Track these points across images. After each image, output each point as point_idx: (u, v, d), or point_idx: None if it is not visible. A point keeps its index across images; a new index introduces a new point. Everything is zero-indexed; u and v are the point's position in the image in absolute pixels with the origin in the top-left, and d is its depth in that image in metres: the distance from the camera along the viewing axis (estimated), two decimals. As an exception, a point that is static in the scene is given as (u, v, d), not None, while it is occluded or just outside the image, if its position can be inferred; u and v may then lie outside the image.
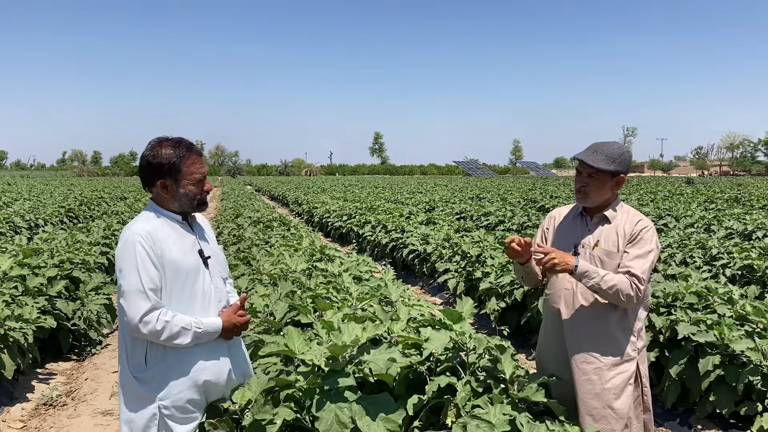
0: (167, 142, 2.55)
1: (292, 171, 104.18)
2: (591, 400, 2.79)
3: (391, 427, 2.41)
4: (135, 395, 2.51)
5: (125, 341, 2.54)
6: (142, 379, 2.50)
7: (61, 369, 5.63)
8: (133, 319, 2.40)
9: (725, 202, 18.12)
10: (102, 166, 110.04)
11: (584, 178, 2.84)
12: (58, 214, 15.03)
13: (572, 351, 2.84)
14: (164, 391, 2.49)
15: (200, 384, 2.55)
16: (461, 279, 7.47)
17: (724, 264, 7.28)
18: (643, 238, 2.78)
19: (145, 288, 2.41)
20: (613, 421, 2.77)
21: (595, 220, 2.90)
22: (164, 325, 2.41)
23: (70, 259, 6.79)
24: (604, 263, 2.80)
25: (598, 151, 2.79)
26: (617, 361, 2.80)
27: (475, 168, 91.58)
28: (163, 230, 2.53)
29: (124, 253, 2.44)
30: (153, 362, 2.50)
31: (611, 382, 2.78)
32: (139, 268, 2.41)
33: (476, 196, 24.45)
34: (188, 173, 2.55)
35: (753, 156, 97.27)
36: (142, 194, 26.73)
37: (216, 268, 2.71)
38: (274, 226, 10.51)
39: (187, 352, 2.52)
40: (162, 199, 2.59)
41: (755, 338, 3.98)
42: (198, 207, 2.63)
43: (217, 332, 2.58)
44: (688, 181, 41.97)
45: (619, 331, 2.81)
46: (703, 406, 4.16)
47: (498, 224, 14.13)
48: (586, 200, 2.86)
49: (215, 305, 2.64)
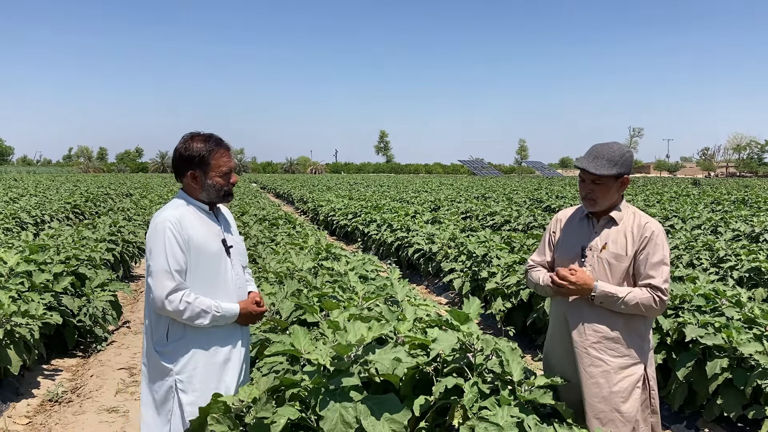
0: (198, 137, 2.79)
1: (298, 169, 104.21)
2: (598, 403, 2.77)
3: (396, 427, 2.39)
4: (156, 368, 2.75)
5: (150, 318, 2.78)
6: (162, 353, 2.74)
7: (66, 365, 5.64)
8: (159, 297, 2.63)
9: (732, 203, 18.05)
10: (108, 162, 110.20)
11: (589, 185, 2.82)
12: (64, 210, 15.07)
13: (579, 354, 2.82)
14: (180, 364, 2.72)
15: (214, 362, 2.78)
16: (467, 279, 7.44)
17: (732, 266, 7.24)
18: (656, 243, 2.76)
19: (171, 269, 2.64)
20: (621, 425, 2.75)
21: (601, 222, 2.88)
22: (186, 306, 2.65)
23: (76, 255, 6.80)
24: (612, 266, 2.79)
25: (599, 156, 2.77)
26: (625, 364, 2.79)
27: (480, 167, 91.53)
28: (191, 217, 2.76)
29: (155, 236, 2.68)
30: (173, 338, 2.73)
31: (619, 385, 2.76)
32: (167, 250, 2.64)
33: (482, 196, 24.42)
34: (216, 166, 2.78)
35: (760, 157, 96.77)
36: (147, 191, 26.78)
37: (237, 257, 2.94)
38: (279, 224, 10.51)
39: (206, 332, 2.75)
40: (191, 189, 2.82)
41: (764, 342, 3.95)
42: (224, 198, 2.86)
43: (235, 317, 2.82)
44: (695, 182, 41.83)
45: (626, 334, 2.80)
46: (711, 409, 4.13)
47: (504, 224, 14.11)
48: (595, 206, 2.85)
49: (235, 290, 2.87)
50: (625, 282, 2.80)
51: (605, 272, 2.81)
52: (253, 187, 35.31)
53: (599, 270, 2.82)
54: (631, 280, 2.81)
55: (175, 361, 2.72)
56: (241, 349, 2.92)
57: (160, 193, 24.27)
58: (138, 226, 11.97)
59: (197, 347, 2.74)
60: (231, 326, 2.85)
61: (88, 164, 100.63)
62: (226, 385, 2.82)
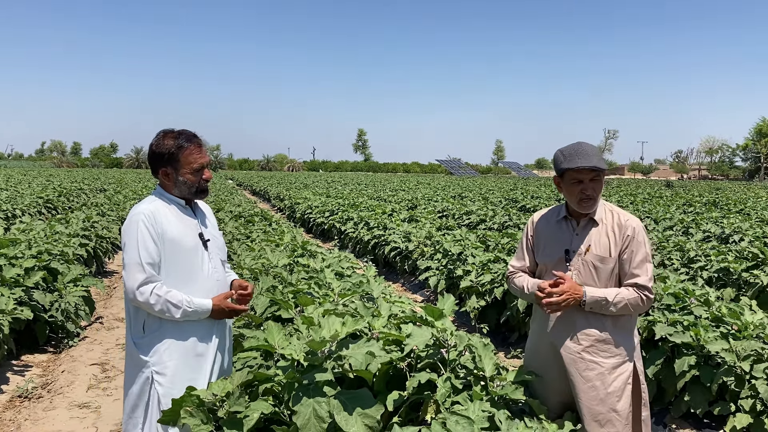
0: (170, 134, 2.80)
1: (275, 166, 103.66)
2: (596, 406, 2.75)
3: (368, 422, 2.41)
4: (134, 360, 2.78)
5: (129, 309, 2.81)
6: (139, 344, 2.77)
7: (37, 361, 5.57)
8: (130, 289, 2.66)
9: (703, 205, 18.33)
10: (82, 157, 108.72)
11: (589, 184, 2.74)
12: (36, 204, 14.84)
13: (573, 360, 2.78)
14: (156, 357, 2.74)
15: (191, 355, 2.80)
16: (442, 277, 7.49)
17: (702, 266, 7.37)
18: (638, 241, 2.76)
19: (143, 261, 2.67)
20: (618, 424, 2.75)
21: (582, 224, 2.83)
22: (157, 299, 2.67)
23: (48, 250, 6.71)
24: (598, 269, 2.77)
25: (590, 154, 2.71)
26: (617, 363, 2.78)
27: (457, 167, 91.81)
28: (166, 211, 2.78)
29: (129, 229, 2.72)
30: (150, 330, 2.76)
31: (613, 385, 2.76)
32: (139, 243, 2.67)
33: (458, 195, 24.52)
34: (186, 163, 2.78)
35: (731, 161, 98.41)
36: (122, 186, 26.49)
37: (215, 251, 2.94)
38: (255, 221, 10.46)
39: (183, 325, 2.77)
40: (165, 186, 2.85)
41: (730, 339, 4.04)
42: (197, 194, 2.87)
43: (207, 313, 2.81)
44: (668, 185, 42.39)
45: (615, 333, 2.79)
46: (678, 405, 4.22)
47: (479, 223, 14.19)
48: (594, 205, 2.79)
49: (213, 284, 2.88)
50: (611, 283, 2.79)
51: (591, 275, 2.78)
52: (230, 184, 35.05)
53: (585, 273, 2.78)
54: (616, 280, 2.80)
55: (151, 353, 2.74)
56: (219, 343, 2.92)
57: (134, 188, 24.01)
58: (112, 221, 11.84)
59: (174, 339, 2.76)
60: (209, 320, 2.86)
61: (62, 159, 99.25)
62: (203, 379, 2.82)
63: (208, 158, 2.93)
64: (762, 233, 9.91)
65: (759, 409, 3.73)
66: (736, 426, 3.74)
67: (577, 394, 2.78)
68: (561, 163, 2.77)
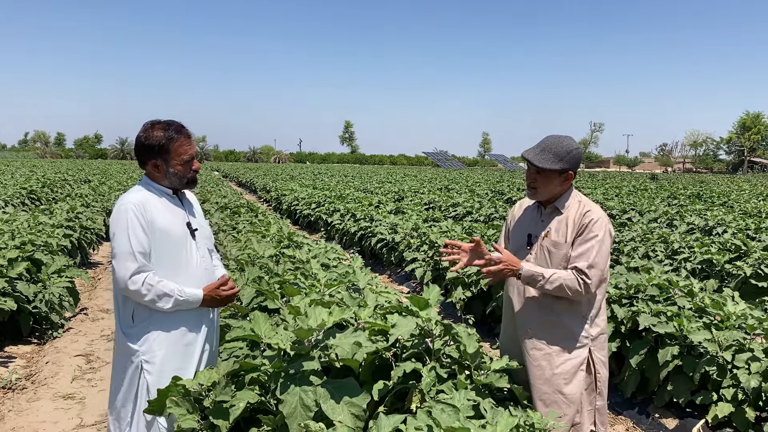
0: (159, 125, 2.78)
1: (261, 158, 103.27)
2: (542, 385, 2.85)
3: (355, 410, 2.42)
4: (123, 349, 2.77)
5: (118, 299, 2.79)
6: (128, 334, 2.76)
7: (20, 352, 5.53)
8: (122, 278, 2.65)
9: (687, 198, 18.49)
10: (66, 148, 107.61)
11: (533, 175, 2.90)
12: (19, 195, 14.68)
13: (523, 337, 2.92)
14: (145, 346, 2.74)
15: (180, 344, 2.80)
16: (428, 268, 7.51)
17: (685, 258, 7.45)
18: (590, 229, 2.82)
19: (134, 251, 2.66)
20: (564, 406, 2.83)
21: (548, 211, 2.96)
22: (149, 288, 2.66)
23: (32, 240, 6.66)
24: (552, 254, 2.86)
25: (546, 150, 2.84)
26: (567, 347, 2.86)
27: (444, 159, 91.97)
28: (154, 201, 2.78)
29: (117, 218, 2.70)
30: (139, 319, 2.75)
31: (561, 367, 2.84)
32: (129, 232, 2.66)
33: (445, 187, 24.56)
34: (177, 154, 2.78)
35: (715, 154, 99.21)
36: (106, 177, 26.28)
37: (203, 241, 2.96)
38: (241, 213, 10.43)
39: (172, 314, 2.77)
40: (154, 176, 2.83)
41: (712, 330, 4.08)
42: (187, 185, 2.89)
43: (198, 302, 2.82)
44: (653, 177, 42.71)
45: (567, 318, 2.86)
46: (661, 395, 4.26)
47: (466, 215, 14.23)
48: (536, 195, 2.94)
49: (202, 273, 2.89)
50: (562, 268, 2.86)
51: (546, 259, 2.88)
52: (215, 176, 34.89)
53: (540, 257, 2.90)
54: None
55: (140, 342, 2.74)
56: (208, 333, 2.94)
57: (119, 179, 23.84)
58: (97, 212, 11.75)
59: (163, 329, 2.76)
60: (198, 309, 2.86)
61: (45, 150, 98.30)
62: (191, 368, 2.82)
63: (196, 149, 2.94)
64: (745, 225, 10.02)
65: (740, 398, 3.78)
66: (717, 415, 3.78)
67: (527, 372, 2.90)
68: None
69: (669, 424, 4.18)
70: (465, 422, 2.22)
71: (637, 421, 4.36)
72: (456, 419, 2.24)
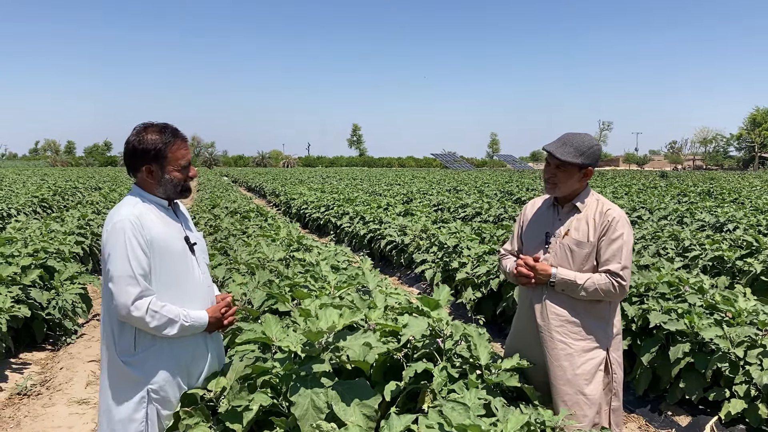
0: (153, 128, 2.55)
1: (270, 162, 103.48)
2: (563, 386, 2.84)
3: (366, 411, 2.43)
4: (123, 379, 2.52)
5: (111, 326, 2.53)
6: (130, 363, 2.51)
7: (35, 359, 5.58)
8: (124, 305, 2.40)
9: (698, 195, 18.40)
10: (76, 156, 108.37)
11: (552, 169, 2.89)
12: (31, 204, 14.81)
13: (544, 338, 2.90)
14: (152, 375, 2.52)
15: (188, 369, 2.62)
16: (438, 269, 7.51)
17: (696, 255, 7.41)
18: (615, 229, 2.82)
19: (135, 273, 2.41)
20: (585, 407, 2.83)
21: (565, 210, 2.95)
22: (153, 315, 2.43)
23: (44, 248, 6.72)
24: (574, 252, 2.86)
25: (567, 144, 2.84)
26: (587, 347, 2.85)
27: (452, 161, 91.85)
28: (151, 215, 2.53)
29: (113, 238, 2.43)
30: (143, 347, 2.52)
31: (582, 368, 2.83)
32: (129, 253, 2.41)
33: (453, 189, 24.53)
34: (174, 159, 2.55)
35: (725, 151, 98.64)
36: (117, 184, 26.43)
37: (201, 255, 2.74)
38: (251, 217, 10.47)
39: (177, 339, 2.55)
40: (147, 185, 2.59)
41: (724, 326, 4.07)
42: (181, 193, 2.63)
43: (203, 327, 2.62)
44: (662, 175, 42.48)
45: (589, 318, 2.87)
46: (673, 392, 4.25)
47: (475, 215, 14.22)
48: (555, 190, 2.93)
49: (205, 290, 2.70)
50: (587, 268, 2.86)
51: (567, 258, 2.87)
52: (225, 181, 34.99)
53: (561, 256, 2.89)
54: (593, 267, 2.88)
55: (146, 372, 2.52)
56: (211, 356, 2.75)
57: (129, 186, 23.93)
58: (107, 219, 11.80)
59: (170, 354, 2.56)
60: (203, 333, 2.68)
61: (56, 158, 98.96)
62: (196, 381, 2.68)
63: (191, 154, 2.73)
64: (756, 222, 9.96)
65: (753, 394, 3.77)
66: (730, 411, 3.77)
67: (548, 373, 2.89)
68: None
69: (682, 421, 4.17)
70: (476, 420, 2.23)
71: (649, 418, 4.34)
72: (467, 417, 2.26)
